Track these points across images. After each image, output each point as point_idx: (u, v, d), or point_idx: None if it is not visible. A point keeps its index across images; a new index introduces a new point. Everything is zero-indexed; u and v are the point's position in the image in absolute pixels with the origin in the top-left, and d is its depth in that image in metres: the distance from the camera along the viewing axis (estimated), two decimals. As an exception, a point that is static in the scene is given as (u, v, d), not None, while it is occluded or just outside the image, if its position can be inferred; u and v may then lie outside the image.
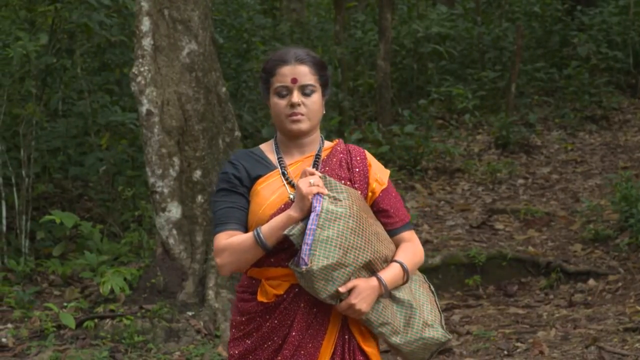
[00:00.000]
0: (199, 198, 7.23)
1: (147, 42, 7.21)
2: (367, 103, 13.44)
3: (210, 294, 7.03)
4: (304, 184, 3.00)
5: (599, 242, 8.61)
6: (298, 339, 3.07)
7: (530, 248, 8.72)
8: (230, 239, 3.08)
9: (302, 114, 3.12)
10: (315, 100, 3.15)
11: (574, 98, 12.94)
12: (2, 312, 7.36)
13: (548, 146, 11.88)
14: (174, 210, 7.20)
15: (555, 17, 14.48)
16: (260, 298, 3.11)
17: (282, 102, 3.13)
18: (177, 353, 6.56)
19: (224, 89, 7.59)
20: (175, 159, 7.22)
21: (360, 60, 13.92)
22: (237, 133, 7.64)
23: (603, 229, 8.70)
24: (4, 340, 6.76)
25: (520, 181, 10.80)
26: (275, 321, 3.09)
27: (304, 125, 3.14)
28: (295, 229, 2.99)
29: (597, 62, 13.19)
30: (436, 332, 3.17)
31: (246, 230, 3.10)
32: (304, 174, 3.05)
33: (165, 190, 7.19)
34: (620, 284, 7.77)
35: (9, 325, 7.02)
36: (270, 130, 10.59)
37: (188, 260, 7.18)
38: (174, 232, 7.18)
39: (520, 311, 7.53)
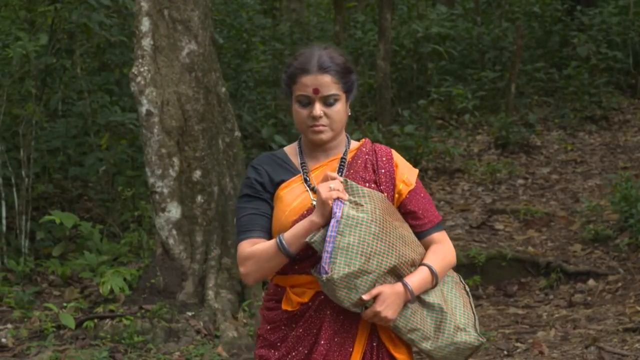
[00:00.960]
0: (199, 198, 7.23)
1: (146, 42, 7.20)
2: (367, 103, 13.43)
3: (210, 294, 7.03)
4: (324, 189, 2.91)
5: (599, 242, 8.61)
6: (326, 347, 2.98)
7: (530, 248, 8.72)
8: (254, 247, 3.00)
9: (324, 125, 3.02)
10: (339, 110, 3.03)
11: (573, 98, 12.93)
12: (2, 312, 7.36)
13: (548, 146, 11.87)
14: (174, 211, 7.20)
15: (555, 17, 14.47)
16: (285, 306, 3.04)
17: (304, 112, 3.03)
18: (177, 353, 6.56)
19: (223, 89, 7.59)
20: (175, 159, 7.22)
21: (360, 60, 13.91)
22: (237, 133, 7.64)
23: (603, 229, 8.70)
24: (3, 340, 6.76)
25: (520, 181, 10.80)
26: (301, 330, 3.01)
27: (325, 136, 3.04)
28: (317, 236, 2.91)
29: (597, 62, 13.18)
30: (469, 336, 3.06)
31: (270, 237, 3.03)
32: (325, 178, 2.96)
33: (165, 191, 7.19)
34: (620, 284, 7.77)
35: (9, 326, 7.02)
36: (270, 130, 10.59)
37: (188, 261, 7.18)
38: (174, 232, 7.18)
39: (520, 311, 7.53)
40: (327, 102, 3.02)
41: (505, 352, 6.51)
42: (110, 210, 9.07)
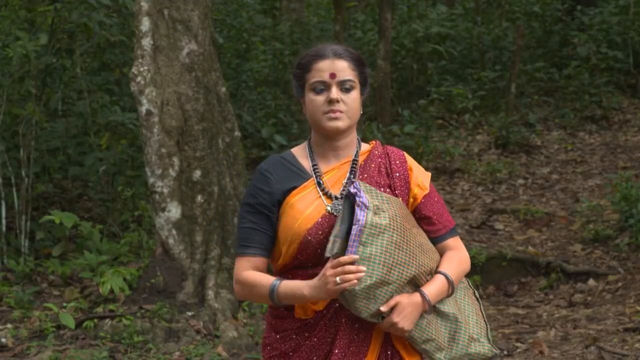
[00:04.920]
0: (199, 198, 7.23)
1: (146, 42, 7.20)
2: (367, 103, 13.41)
3: (210, 294, 7.02)
4: (331, 277, 2.78)
5: (599, 242, 8.61)
6: (340, 357, 2.90)
7: (530, 248, 8.72)
8: (248, 276, 2.93)
9: (341, 111, 2.90)
10: (355, 98, 2.93)
11: (574, 98, 12.93)
12: (1, 312, 7.35)
13: (548, 146, 11.87)
14: (174, 210, 7.20)
15: (555, 17, 14.47)
16: (298, 314, 2.94)
17: (319, 99, 2.91)
18: (177, 353, 6.56)
19: (223, 89, 7.59)
20: (175, 159, 7.22)
21: (360, 60, 13.88)
22: (237, 133, 7.64)
23: (603, 229, 8.70)
24: (3, 340, 6.76)
25: (520, 181, 10.80)
26: (315, 339, 2.92)
27: (342, 123, 2.91)
28: (337, 248, 2.80)
29: (597, 62, 13.18)
30: (482, 347, 3.00)
31: (268, 254, 2.96)
32: (337, 264, 2.78)
33: (165, 190, 7.19)
34: (620, 284, 7.77)
35: (9, 326, 7.01)
36: (270, 130, 10.59)
37: (188, 261, 7.18)
38: (174, 232, 7.18)
39: (520, 311, 7.52)
40: (344, 87, 2.92)
41: (505, 352, 6.51)
42: (110, 210, 9.07)
